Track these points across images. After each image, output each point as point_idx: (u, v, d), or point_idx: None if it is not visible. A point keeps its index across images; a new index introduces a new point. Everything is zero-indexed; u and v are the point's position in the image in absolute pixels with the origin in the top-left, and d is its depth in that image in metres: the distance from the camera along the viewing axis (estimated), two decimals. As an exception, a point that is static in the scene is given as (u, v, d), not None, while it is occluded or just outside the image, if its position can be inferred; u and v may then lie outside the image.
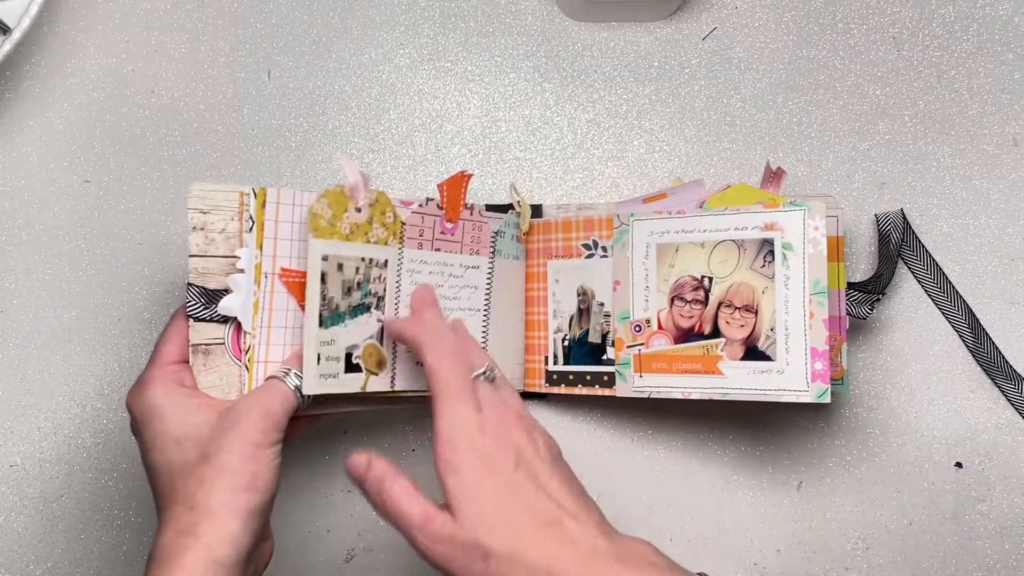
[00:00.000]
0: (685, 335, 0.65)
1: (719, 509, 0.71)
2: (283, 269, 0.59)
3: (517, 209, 0.70)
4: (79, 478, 0.71)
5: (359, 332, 0.61)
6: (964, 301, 0.72)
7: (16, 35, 0.68)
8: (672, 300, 0.65)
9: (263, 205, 0.59)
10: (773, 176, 0.66)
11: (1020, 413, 0.71)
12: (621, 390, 0.66)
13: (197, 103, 0.75)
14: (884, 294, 0.70)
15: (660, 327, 0.65)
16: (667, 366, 0.65)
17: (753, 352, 0.62)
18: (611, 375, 0.67)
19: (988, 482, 0.71)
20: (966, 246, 0.73)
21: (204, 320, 0.58)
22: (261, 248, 0.59)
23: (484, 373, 0.57)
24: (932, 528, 0.71)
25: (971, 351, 0.72)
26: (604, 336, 0.68)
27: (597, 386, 0.68)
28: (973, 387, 0.72)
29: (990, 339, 0.72)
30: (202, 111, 0.75)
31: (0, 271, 0.73)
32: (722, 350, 0.63)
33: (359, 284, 0.61)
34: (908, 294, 0.73)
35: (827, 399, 0.60)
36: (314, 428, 0.64)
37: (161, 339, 0.58)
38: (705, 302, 0.64)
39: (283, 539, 0.71)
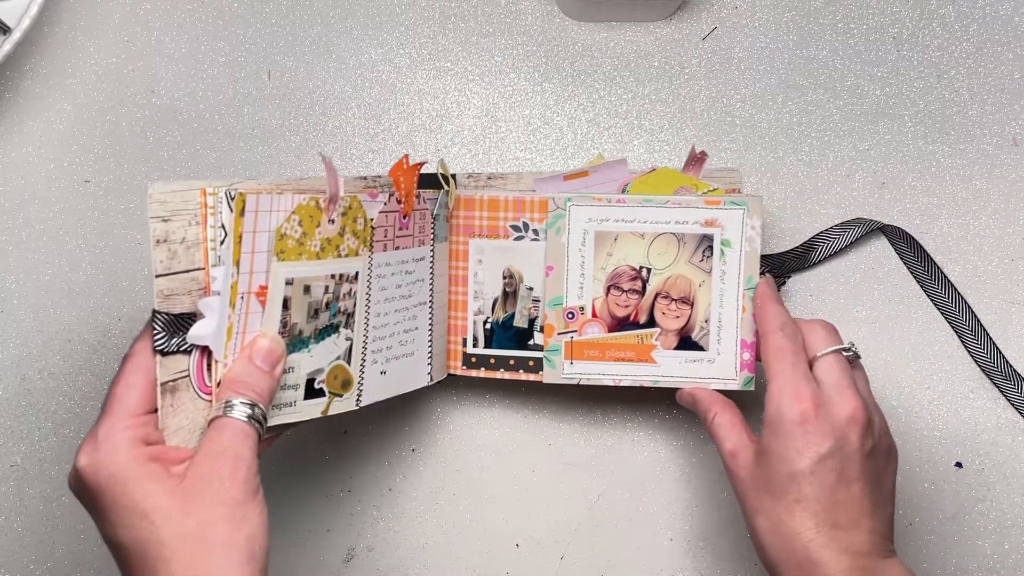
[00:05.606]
0: (620, 324, 0.65)
1: (719, 509, 0.71)
2: (260, 287, 0.51)
3: (446, 188, 0.66)
4: (79, 478, 0.71)
5: (324, 355, 0.55)
6: (964, 301, 0.72)
7: (16, 35, 0.68)
8: (608, 289, 0.65)
9: (242, 214, 0.50)
10: (696, 160, 0.66)
11: (1020, 413, 0.71)
12: (549, 376, 0.66)
13: (197, 103, 0.75)
14: (788, 277, 0.72)
15: (595, 315, 0.66)
16: (599, 354, 0.65)
17: (686, 342, 0.65)
18: (538, 360, 0.67)
19: (988, 482, 0.71)
20: (966, 246, 0.73)
21: (172, 353, 0.49)
22: (238, 265, 0.50)
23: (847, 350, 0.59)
24: (932, 528, 0.71)
25: (971, 351, 0.72)
26: (532, 321, 0.67)
27: (521, 371, 0.67)
28: (973, 387, 0.72)
29: (990, 339, 0.72)
30: (202, 111, 0.75)
31: (0, 271, 0.73)
32: (656, 339, 0.65)
33: (327, 304, 0.55)
34: (908, 294, 0.73)
35: (752, 387, 0.64)
36: (267, 449, 0.55)
37: (119, 381, 0.48)
38: (642, 292, 0.65)
39: (283, 539, 0.71)
